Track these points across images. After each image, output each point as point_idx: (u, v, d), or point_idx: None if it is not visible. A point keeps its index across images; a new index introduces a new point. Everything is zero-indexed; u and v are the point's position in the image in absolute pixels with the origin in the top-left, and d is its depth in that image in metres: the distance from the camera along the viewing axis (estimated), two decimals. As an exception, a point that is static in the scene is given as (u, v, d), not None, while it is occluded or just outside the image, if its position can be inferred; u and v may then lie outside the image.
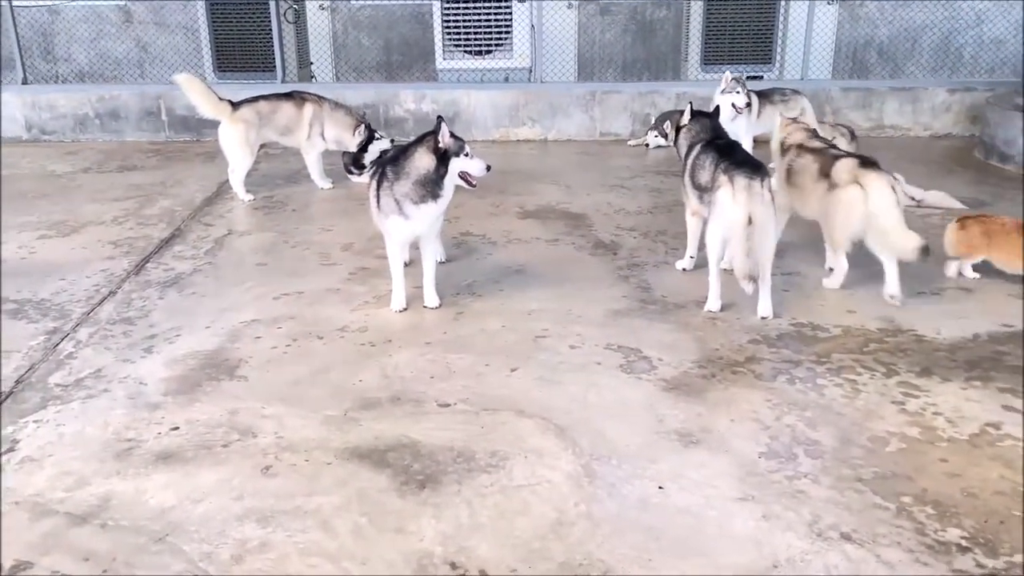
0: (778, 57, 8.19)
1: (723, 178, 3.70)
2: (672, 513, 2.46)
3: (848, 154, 4.31)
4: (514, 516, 2.44)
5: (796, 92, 6.52)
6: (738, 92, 6.02)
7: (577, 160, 6.94)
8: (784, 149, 4.41)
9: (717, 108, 4.71)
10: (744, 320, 3.80)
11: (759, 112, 6.22)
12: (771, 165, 4.43)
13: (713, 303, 3.90)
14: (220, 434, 2.90)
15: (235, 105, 5.75)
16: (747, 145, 6.28)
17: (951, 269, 4.33)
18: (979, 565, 2.23)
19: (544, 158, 7.11)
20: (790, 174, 4.28)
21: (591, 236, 5.03)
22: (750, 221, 3.63)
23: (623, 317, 3.86)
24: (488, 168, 3.85)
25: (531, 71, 7.92)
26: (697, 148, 4.07)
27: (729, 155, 3.85)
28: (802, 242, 4.81)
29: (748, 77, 6.98)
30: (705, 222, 3.97)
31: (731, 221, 3.65)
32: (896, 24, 8.32)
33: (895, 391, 3.16)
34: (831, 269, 4.24)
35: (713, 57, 8.21)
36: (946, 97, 7.65)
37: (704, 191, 3.94)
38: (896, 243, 3.89)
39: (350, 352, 3.52)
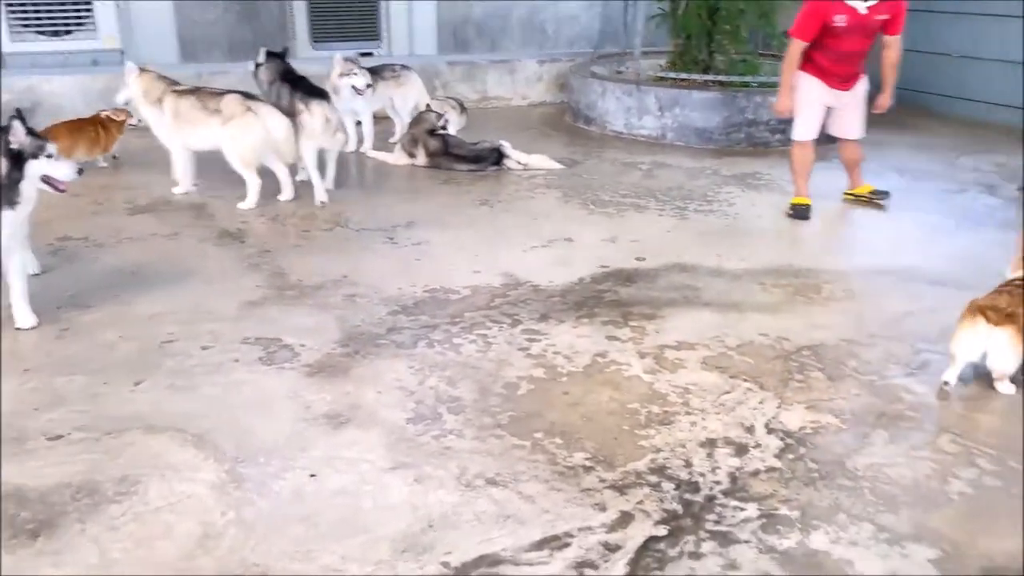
0: (385, 34, 8.38)
1: (301, 105, 5.04)
2: (327, 497, 2.41)
3: (227, 91, 5.08)
4: (154, 541, 2.22)
5: (406, 68, 6.73)
6: (356, 74, 6.05)
7: (191, 147, 6.46)
8: (156, 99, 5.09)
9: (286, 49, 5.79)
10: (382, 292, 3.86)
11: (374, 88, 6.30)
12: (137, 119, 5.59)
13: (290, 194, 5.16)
14: None
15: None
16: (368, 122, 6.38)
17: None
18: (601, 480, 2.52)
19: (150, 145, 6.49)
20: (177, 116, 5.01)
21: (215, 226, 4.73)
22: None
23: (259, 307, 3.70)
24: (80, 171, 3.45)
25: (123, 53, 7.17)
26: (277, 83, 5.32)
27: (302, 86, 5.22)
28: (428, 216, 5.02)
29: (360, 54, 7.05)
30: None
31: (318, 134, 5.07)
32: (488, 3, 8.95)
33: (520, 338, 3.44)
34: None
35: (322, 35, 8.15)
36: (537, 68, 8.46)
37: (286, 113, 5.03)
38: (287, 153, 5.05)
39: (-78, 397, 2.91)
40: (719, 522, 2.34)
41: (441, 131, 6.12)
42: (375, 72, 6.36)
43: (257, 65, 5.56)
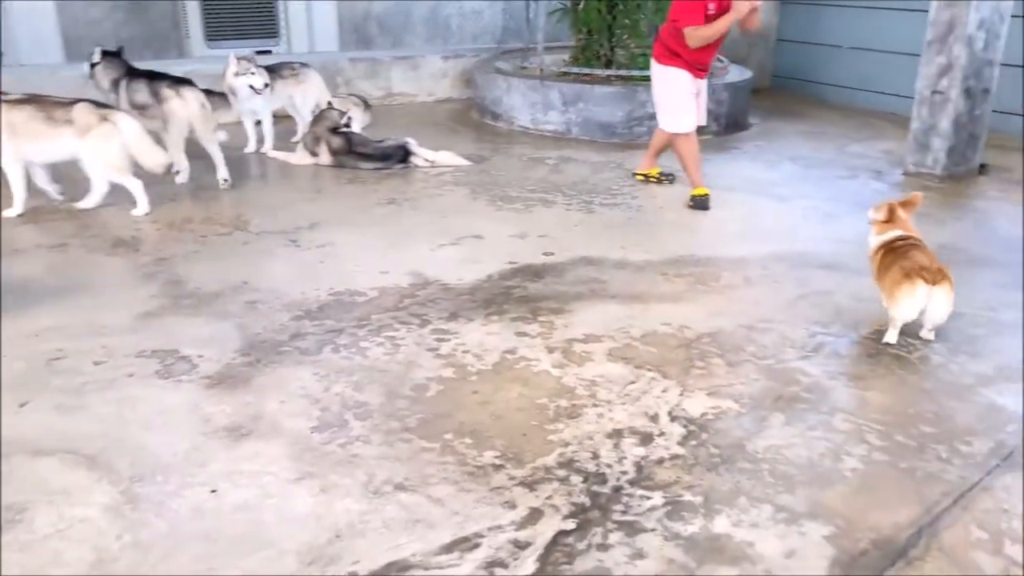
0: (284, 31, 8.18)
1: (170, 92, 5.12)
2: (229, 513, 2.34)
3: (76, 100, 4.74)
4: (43, 571, 2.11)
5: (305, 65, 6.59)
6: (253, 73, 5.89)
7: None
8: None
9: (121, 47, 5.65)
10: (285, 298, 3.77)
11: (272, 88, 6.15)
12: None
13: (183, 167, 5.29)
14: None
15: None
16: (268, 122, 6.22)
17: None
18: (511, 478, 2.53)
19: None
20: (10, 128, 4.58)
21: (106, 235, 4.52)
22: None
23: (154, 318, 3.56)
24: None
25: (2, 55, 6.78)
26: (124, 81, 5.32)
27: (163, 77, 5.29)
28: (332, 217, 4.94)
29: (257, 52, 6.87)
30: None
31: (185, 119, 5.16)
32: (391, -2, 8.85)
33: (429, 339, 3.42)
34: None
35: (217, 32, 7.90)
36: (442, 64, 8.41)
37: (144, 108, 5.18)
38: (148, 160, 4.84)
39: None
40: (626, 512, 2.38)
41: (344, 129, 6.02)
42: (273, 71, 6.21)
43: (92, 65, 5.45)
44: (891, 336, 3.41)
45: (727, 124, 7.23)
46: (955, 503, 2.45)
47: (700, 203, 5.22)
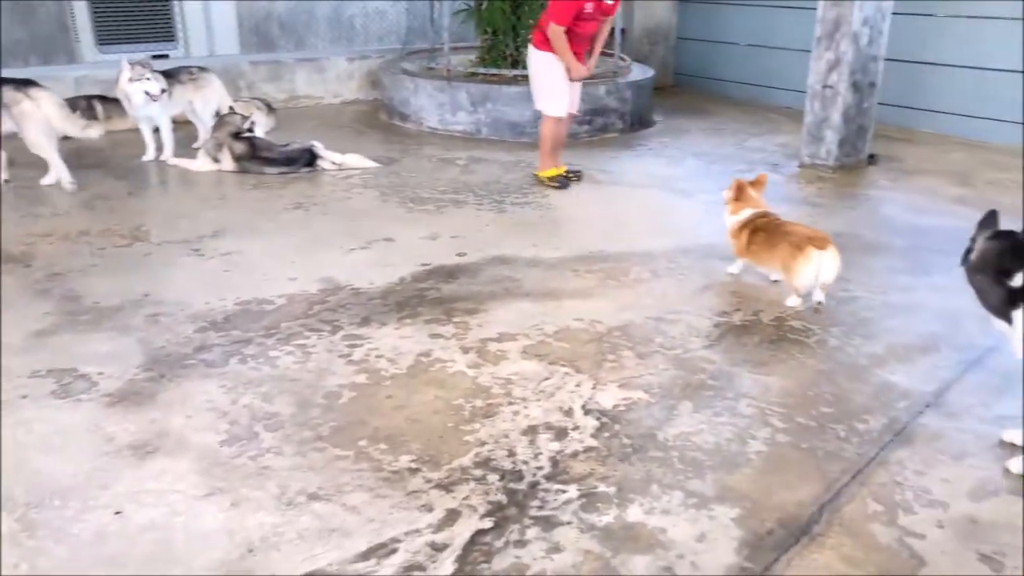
0: (181, 33, 7.92)
1: (19, 95, 4.96)
2: (135, 534, 2.26)
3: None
4: (-68, 611, 1.99)
5: (204, 69, 6.40)
6: (148, 79, 5.68)
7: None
8: None
9: None
10: (189, 309, 3.66)
11: (170, 93, 5.95)
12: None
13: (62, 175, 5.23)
14: None
15: None
16: (167, 129, 6.02)
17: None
18: (427, 480, 2.52)
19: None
20: None
21: (-7, 251, 4.30)
22: None
23: (49, 336, 3.40)
24: None
25: None
26: None
27: (6, 81, 5.08)
28: (237, 224, 4.82)
29: (153, 56, 6.64)
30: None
31: (42, 120, 5.05)
32: (292, -1, 8.67)
33: (341, 345, 3.37)
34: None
35: (109, 36, 7.59)
36: (347, 65, 8.31)
37: None
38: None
39: None
40: (542, 507, 2.41)
41: (248, 134, 5.88)
42: (171, 75, 6.02)
43: None
44: (793, 301, 3.75)
45: (632, 122, 7.38)
46: (853, 479, 2.58)
47: (563, 182, 5.65)
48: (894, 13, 6.03)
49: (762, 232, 3.84)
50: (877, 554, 2.25)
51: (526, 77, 7.16)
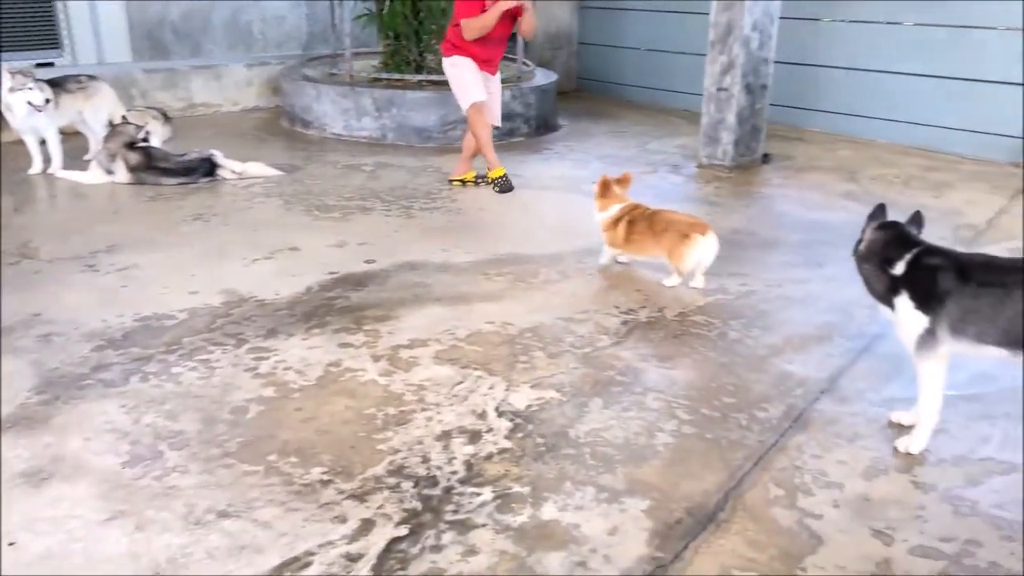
0: (67, 40, 7.58)
1: None
2: (30, 565, 2.15)
3: None
4: None
5: (93, 78, 6.14)
6: (31, 88, 5.42)
7: None
8: None
9: None
10: (84, 328, 3.51)
11: (57, 103, 5.69)
12: None
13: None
14: None
15: None
16: (54, 140, 5.75)
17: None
18: (340, 492, 2.49)
19: None
20: None
21: None
22: None
23: (-71, 362, 3.20)
24: None
25: None
26: None
27: None
28: (134, 237, 4.65)
29: (37, 65, 6.34)
30: None
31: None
32: (186, 3, 8.38)
33: (247, 359, 3.30)
34: None
35: (-13, 43, 7.18)
36: (246, 72, 8.12)
37: None
38: None
39: None
40: (457, 511, 2.42)
41: (142, 143, 5.68)
42: (57, 84, 5.75)
43: None
44: (673, 280, 4.07)
45: (537, 126, 7.48)
46: (755, 465, 2.68)
47: (503, 185, 5.60)
48: (781, 17, 6.30)
49: (642, 222, 4.10)
50: (779, 536, 2.35)
51: (431, 82, 7.23)
